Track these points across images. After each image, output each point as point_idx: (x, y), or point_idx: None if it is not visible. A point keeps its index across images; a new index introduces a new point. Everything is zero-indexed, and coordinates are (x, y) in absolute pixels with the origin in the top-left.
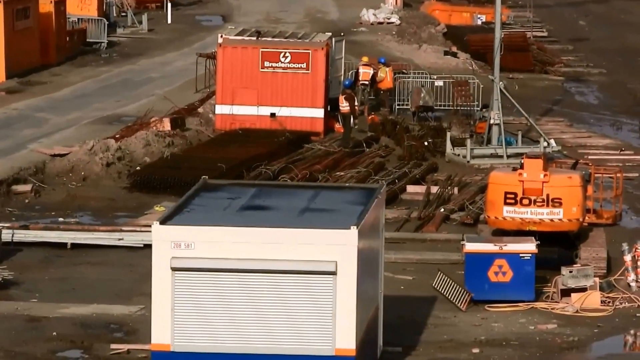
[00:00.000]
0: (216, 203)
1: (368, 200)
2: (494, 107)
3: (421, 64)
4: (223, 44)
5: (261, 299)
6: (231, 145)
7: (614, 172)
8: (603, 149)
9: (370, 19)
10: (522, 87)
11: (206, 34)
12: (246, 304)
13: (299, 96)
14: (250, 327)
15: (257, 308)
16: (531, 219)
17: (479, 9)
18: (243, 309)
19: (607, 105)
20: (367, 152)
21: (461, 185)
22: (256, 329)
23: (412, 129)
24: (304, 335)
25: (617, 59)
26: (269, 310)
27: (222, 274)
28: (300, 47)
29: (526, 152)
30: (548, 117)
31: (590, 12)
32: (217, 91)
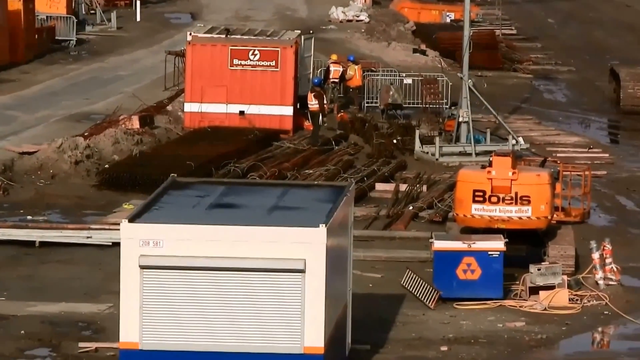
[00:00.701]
0: (185, 201)
1: (337, 198)
2: (463, 105)
3: (390, 62)
4: (192, 41)
5: (230, 297)
6: (200, 143)
7: (583, 170)
8: (571, 146)
9: (339, 17)
10: (491, 85)
11: (175, 32)
12: (215, 302)
13: (268, 94)
14: (219, 325)
15: (226, 306)
16: (500, 217)
17: (448, 7)
18: (212, 307)
19: (575, 103)
20: (336, 150)
21: (430, 183)
22: (225, 327)
23: (381, 127)
24: (273, 333)
25: (585, 57)
26: (237, 309)
27: (190, 272)
28: (269, 45)
29: (495, 150)
30: (517, 115)
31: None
32: (186, 89)
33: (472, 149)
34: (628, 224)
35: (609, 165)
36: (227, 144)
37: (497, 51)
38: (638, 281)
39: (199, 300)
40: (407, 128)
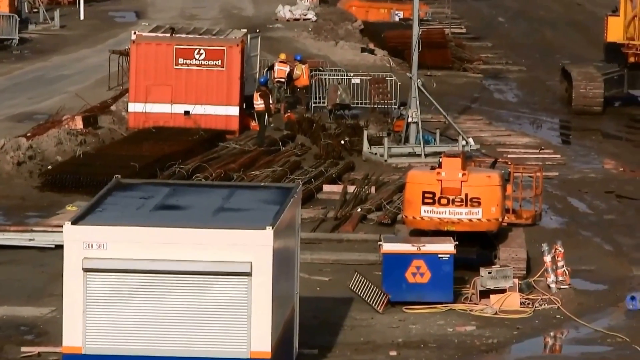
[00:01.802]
0: (129, 202)
1: (284, 199)
2: (412, 105)
3: (338, 61)
4: (136, 40)
5: (175, 301)
6: (144, 143)
7: (534, 171)
8: (522, 147)
9: (286, 15)
10: (440, 84)
11: (119, 31)
12: (160, 306)
13: (213, 94)
14: (164, 329)
15: (171, 310)
16: (449, 219)
17: (397, 5)
18: (157, 311)
19: (526, 102)
20: (283, 150)
21: (378, 184)
22: (170, 332)
23: (328, 127)
24: (219, 337)
25: (535, 56)
26: (183, 312)
27: (135, 275)
28: (215, 44)
29: (444, 151)
30: (466, 115)
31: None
32: (130, 89)
33: (421, 150)
34: (580, 226)
35: (561, 167)
36: (172, 144)
37: (447, 50)
38: (590, 284)
39: (144, 304)
40: (355, 128)
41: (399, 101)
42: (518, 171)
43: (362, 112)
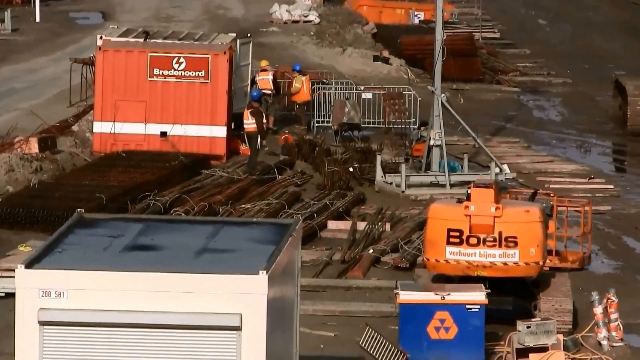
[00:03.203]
0: (94, 242)
1: (280, 238)
2: (435, 125)
3: (345, 72)
4: (103, 47)
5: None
6: (113, 171)
7: (582, 204)
8: (568, 176)
9: (283, 17)
10: (469, 100)
11: (82, 35)
12: None
13: (195, 111)
14: None
15: None
16: (480, 262)
17: (416, 5)
18: None
19: (571, 122)
20: (279, 179)
21: (394, 220)
22: None
23: (334, 152)
24: None
25: (583, 67)
26: None
27: (101, 329)
28: (198, 51)
29: (474, 181)
30: (500, 137)
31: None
32: (95, 105)
33: (446, 179)
34: (636, 271)
35: (614, 199)
36: (146, 172)
37: (476, 59)
38: None
39: None
40: (366, 153)
41: (418, 120)
42: (562, 205)
43: (375, 133)
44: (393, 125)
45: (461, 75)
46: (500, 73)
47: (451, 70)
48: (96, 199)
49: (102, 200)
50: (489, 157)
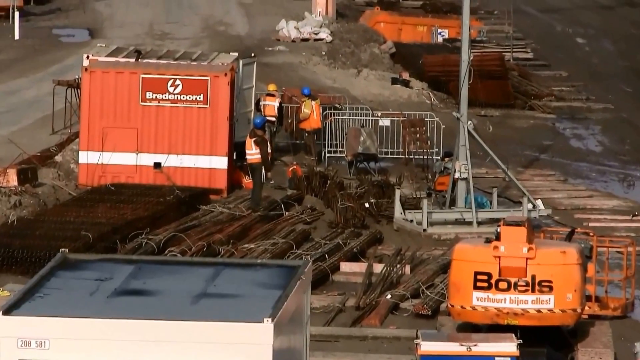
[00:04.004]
0: (80, 285)
1: (287, 282)
2: (460, 155)
3: (360, 96)
4: (90, 67)
5: None
6: (100, 206)
7: (624, 245)
8: (609, 213)
9: (291, 34)
10: (499, 127)
11: (67, 54)
12: None
13: (193, 140)
14: None
15: None
16: (510, 309)
17: (440, 21)
18: None
19: (614, 152)
20: (286, 216)
21: (415, 262)
22: None
23: (347, 185)
24: None
25: (626, 90)
26: None
27: None
28: (196, 73)
29: (504, 218)
30: (534, 170)
31: (589, 25)
32: (81, 132)
33: (472, 216)
34: None
35: None
36: (138, 207)
37: (507, 82)
38: None
39: None
40: (384, 187)
41: (442, 150)
42: (603, 245)
43: (393, 164)
44: (414, 156)
45: (490, 100)
46: (533, 97)
47: (479, 94)
48: (82, 238)
49: (88, 239)
50: (520, 191)
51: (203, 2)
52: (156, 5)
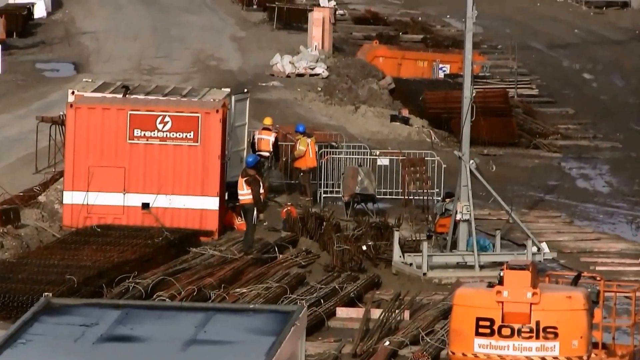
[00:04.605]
0: (64, 332)
1: (281, 328)
2: (462, 196)
3: (358, 134)
4: (75, 103)
5: None
6: (86, 248)
7: (633, 290)
8: (617, 256)
9: (285, 69)
10: (502, 167)
11: (51, 89)
12: None
13: (183, 179)
14: None
15: None
16: (514, 357)
17: (441, 56)
18: None
19: (622, 193)
20: (280, 259)
21: (414, 307)
22: None
23: (344, 227)
24: None
25: (635, 128)
26: None
27: None
28: (186, 109)
29: (507, 261)
30: (539, 211)
31: (597, 59)
32: (65, 171)
33: (474, 260)
34: None
35: None
36: (125, 250)
37: (511, 119)
38: None
39: None
40: (382, 229)
41: (443, 191)
42: (611, 290)
43: (392, 205)
44: (413, 197)
45: (493, 138)
46: (538, 136)
47: (482, 133)
48: (66, 282)
49: (73, 282)
50: (525, 234)
51: (194, 35)
52: (145, 39)
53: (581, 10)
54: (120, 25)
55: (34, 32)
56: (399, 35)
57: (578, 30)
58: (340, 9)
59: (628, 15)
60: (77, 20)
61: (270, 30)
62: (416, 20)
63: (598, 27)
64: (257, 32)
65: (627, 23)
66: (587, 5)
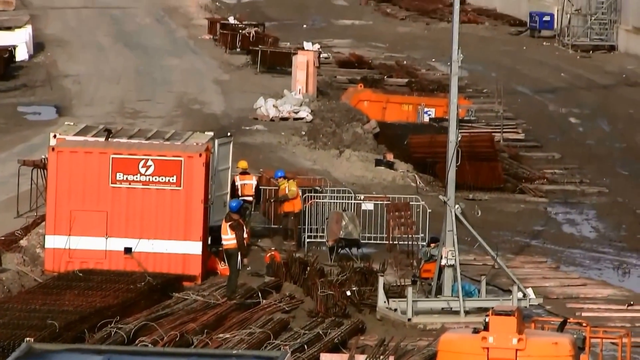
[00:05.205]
0: None
1: None
2: (447, 241)
3: (342, 178)
4: (57, 146)
5: None
6: (68, 293)
7: (619, 336)
8: (603, 302)
9: (269, 113)
10: (488, 212)
11: (33, 133)
12: None
13: (166, 224)
14: None
15: None
16: None
17: (426, 100)
18: None
19: (608, 239)
20: (263, 304)
21: (399, 354)
22: None
23: (328, 272)
24: None
25: (622, 173)
26: None
27: None
28: (169, 153)
29: (493, 307)
30: (524, 257)
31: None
32: (47, 215)
33: (460, 305)
34: None
35: None
36: (107, 295)
37: (497, 164)
38: None
39: None
40: (367, 274)
41: (428, 236)
42: (597, 336)
43: (377, 250)
44: (398, 242)
45: (479, 183)
46: (524, 180)
47: (467, 177)
48: (48, 327)
49: (54, 327)
50: (510, 279)
51: (177, 79)
52: (127, 82)
53: (568, 54)
54: (103, 68)
55: (16, 75)
56: (384, 78)
57: (564, 74)
58: (324, 52)
59: (615, 59)
60: (59, 63)
61: (254, 74)
62: (401, 63)
63: (585, 71)
64: (241, 76)
65: (614, 67)
66: (574, 49)
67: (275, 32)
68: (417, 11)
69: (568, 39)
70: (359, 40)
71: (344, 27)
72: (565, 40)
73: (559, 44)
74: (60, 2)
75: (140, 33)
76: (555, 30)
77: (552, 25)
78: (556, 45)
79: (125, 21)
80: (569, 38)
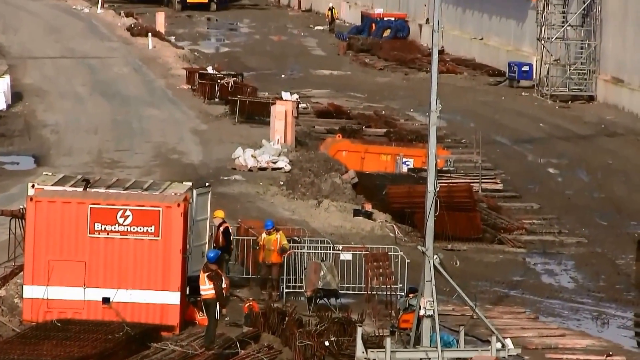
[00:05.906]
0: None
1: None
2: (426, 291)
3: (320, 229)
4: (35, 196)
5: None
6: (46, 343)
7: None
8: (582, 353)
9: (248, 163)
10: (467, 262)
11: (11, 182)
12: None
13: (144, 274)
14: None
15: None
16: None
17: (405, 150)
18: None
19: (587, 289)
20: (242, 354)
21: None
22: None
23: (306, 322)
24: None
25: (601, 223)
26: None
27: None
28: (147, 203)
29: (472, 358)
30: (503, 307)
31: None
32: (25, 266)
33: (438, 356)
34: None
35: None
36: (85, 345)
37: (476, 214)
38: None
39: None
40: (345, 324)
41: (406, 286)
42: None
43: (355, 301)
44: (376, 292)
45: (457, 234)
46: (503, 231)
47: (446, 228)
48: None
49: None
50: (489, 330)
51: (155, 129)
52: (105, 132)
53: (546, 104)
54: (81, 118)
55: None
56: (362, 128)
57: (543, 124)
58: (302, 102)
59: (593, 109)
60: (37, 113)
61: (232, 124)
62: (379, 113)
63: (563, 121)
64: (219, 125)
65: (593, 117)
66: (553, 99)
67: (253, 81)
68: (395, 61)
69: (547, 89)
70: (337, 90)
71: (322, 77)
72: (544, 91)
73: (538, 94)
74: (39, 52)
75: (118, 83)
76: (534, 80)
77: (531, 75)
78: (535, 95)
79: (104, 71)
80: (547, 88)
